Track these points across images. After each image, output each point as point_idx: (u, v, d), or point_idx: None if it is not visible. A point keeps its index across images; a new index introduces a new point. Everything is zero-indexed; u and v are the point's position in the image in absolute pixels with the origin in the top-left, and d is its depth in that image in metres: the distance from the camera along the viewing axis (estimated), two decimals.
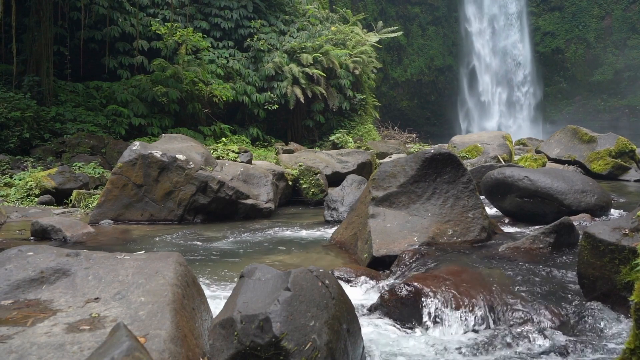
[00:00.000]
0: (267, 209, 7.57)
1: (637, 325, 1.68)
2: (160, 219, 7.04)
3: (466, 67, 33.97)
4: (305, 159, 10.68)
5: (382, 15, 31.43)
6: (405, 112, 32.83)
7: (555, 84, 34.11)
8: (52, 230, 5.68)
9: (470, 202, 4.73)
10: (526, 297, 3.14)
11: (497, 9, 34.17)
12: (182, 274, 2.50)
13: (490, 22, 34.16)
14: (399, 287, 3.24)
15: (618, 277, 2.75)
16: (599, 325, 2.81)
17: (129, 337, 1.58)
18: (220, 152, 10.76)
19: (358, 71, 19.10)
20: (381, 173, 5.04)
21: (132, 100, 14.45)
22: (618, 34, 32.16)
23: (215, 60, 17.49)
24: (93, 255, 2.61)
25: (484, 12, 34.25)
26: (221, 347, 2.17)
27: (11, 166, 10.40)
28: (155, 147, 7.32)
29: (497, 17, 34.21)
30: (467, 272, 3.48)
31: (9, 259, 2.46)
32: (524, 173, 6.18)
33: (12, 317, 2.05)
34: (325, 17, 21.59)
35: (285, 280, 2.29)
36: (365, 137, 18.42)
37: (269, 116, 17.91)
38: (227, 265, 4.52)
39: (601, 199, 6.05)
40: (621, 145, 12.21)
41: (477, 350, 2.72)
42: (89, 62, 15.58)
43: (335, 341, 2.19)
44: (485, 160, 12.40)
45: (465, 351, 2.72)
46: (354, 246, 4.92)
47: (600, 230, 2.86)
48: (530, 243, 4.05)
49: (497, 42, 33.93)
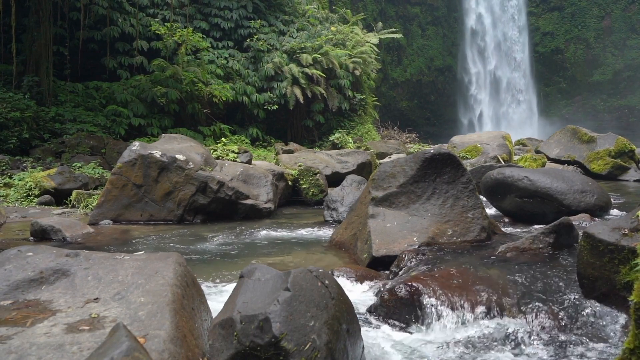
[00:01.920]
0: (266, 209, 7.57)
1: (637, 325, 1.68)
2: (160, 219, 7.04)
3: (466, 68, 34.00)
4: (305, 159, 10.68)
5: (381, 16, 31.42)
6: (405, 112, 32.82)
7: (554, 84, 34.13)
8: (52, 231, 5.68)
9: (469, 202, 4.73)
10: (526, 297, 3.14)
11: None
12: (182, 274, 2.50)
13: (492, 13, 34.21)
14: (399, 287, 3.24)
15: (618, 277, 2.75)
16: (598, 325, 2.81)
17: (128, 337, 1.58)
18: (219, 152, 10.75)
19: (358, 71, 19.10)
20: (381, 173, 5.04)
21: (132, 101, 14.45)
22: (617, 34, 32.18)
23: (215, 60, 17.49)
24: (92, 256, 2.61)
25: None
26: (221, 347, 2.17)
27: (11, 166, 10.40)
28: (154, 148, 7.32)
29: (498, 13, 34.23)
30: (467, 272, 3.48)
31: (8, 259, 2.46)
32: (524, 173, 6.18)
33: (11, 318, 2.05)
34: (324, 18, 21.59)
35: (284, 281, 2.29)
36: (365, 137, 18.43)
37: (268, 116, 17.91)
38: (227, 266, 4.52)
39: (601, 199, 6.06)
40: (621, 145, 12.22)
41: (477, 350, 2.72)
42: (89, 63, 15.57)
43: (335, 341, 2.19)
44: (484, 161, 12.40)
45: (465, 351, 2.72)
46: (353, 246, 4.92)
47: (600, 230, 2.86)
48: (529, 243, 4.05)
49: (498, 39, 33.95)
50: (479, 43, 33.91)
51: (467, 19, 34.06)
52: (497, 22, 34.08)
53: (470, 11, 34.07)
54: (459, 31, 34.22)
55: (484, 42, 33.92)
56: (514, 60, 33.84)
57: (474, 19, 34.04)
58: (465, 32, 34.05)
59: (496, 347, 2.73)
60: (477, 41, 33.89)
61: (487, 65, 33.80)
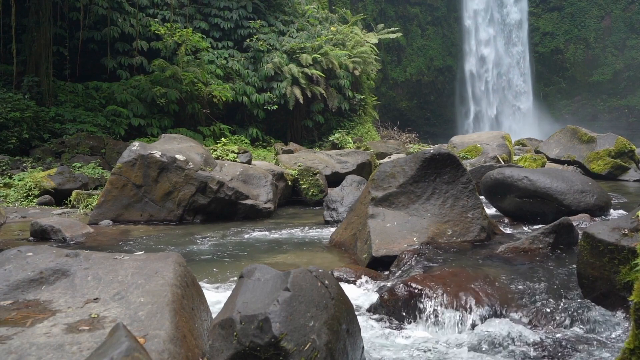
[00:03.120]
0: (266, 209, 7.57)
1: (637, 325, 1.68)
2: (160, 220, 7.04)
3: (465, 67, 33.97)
4: (305, 159, 10.68)
5: (381, 16, 31.43)
6: (404, 112, 32.83)
7: (554, 84, 34.13)
8: (52, 231, 5.68)
9: (469, 202, 4.73)
10: (525, 298, 3.14)
11: None
12: (182, 275, 2.49)
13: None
14: (399, 287, 3.24)
15: (617, 277, 2.75)
16: (598, 325, 2.81)
17: (128, 337, 1.58)
18: (219, 152, 10.75)
19: (357, 71, 19.10)
20: (381, 173, 5.04)
21: (132, 101, 14.45)
22: (617, 34, 32.18)
23: (215, 60, 17.49)
24: (92, 256, 2.61)
25: None
26: (220, 347, 2.17)
27: (11, 166, 10.40)
28: (154, 148, 7.32)
29: None
30: (467, 272, 3.48)
31: (8, 260, 2.45)
32: (524, 173, 6.18)
33: (11, 318, 2.05)
34: (324, 18, 21.59)
35: (284, 281, 2.29)
36: (365, 137, 18.43)
37: (268, 116, 17.91)
38: (227, 266, 4.52)
39: (600, 199, 6.06)
40: (620, 145, 12.21)
41: (476, 350, 2.72)
42: (89, 63, 15.57)
43: (335, 341, 2.19)
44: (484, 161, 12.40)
45: (465, 351, 2.72)
46: (353, 246, 4.92)
47: (600, 231, 2.86)
48: (529, 243, 4.05)
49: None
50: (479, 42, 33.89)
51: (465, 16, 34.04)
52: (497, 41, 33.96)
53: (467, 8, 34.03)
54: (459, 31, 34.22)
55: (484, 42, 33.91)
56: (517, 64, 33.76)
57: (472, 14, 33.99)
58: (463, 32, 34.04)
59: (496, 347, 2.73)
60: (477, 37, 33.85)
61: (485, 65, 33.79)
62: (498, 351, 2.70)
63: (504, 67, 33.52)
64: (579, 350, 2.62)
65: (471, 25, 33.67)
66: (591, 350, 2.61)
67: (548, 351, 2.65)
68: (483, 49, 33.59)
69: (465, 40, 33.73)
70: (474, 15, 33.70)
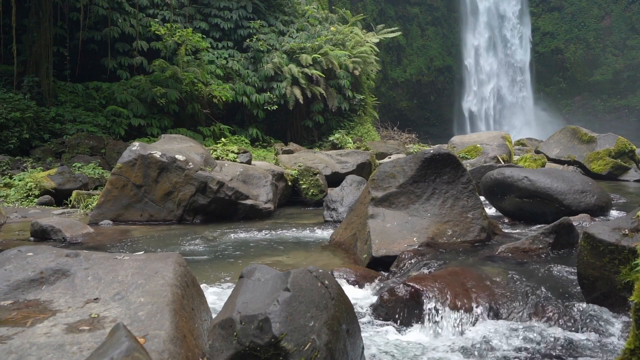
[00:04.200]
0: (266, 210, 7.57)
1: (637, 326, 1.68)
2: (160, 220, 7.04)
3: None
4: (305, 159, 10.68)
5: (381, 16, 31.44)
6: (404, 112, 32.83)
7: (554, 84, 34.13)
8: (52, 231, 5.68)
9: (469, 203, 4.73)
10: (525, 298, 3.14)
11: None
12: (182, 275, 2.50)
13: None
14: (399, 287, 3.24)
15: (618, 277, 2.75)
16: (598, 326, 2.81)
17: (128, 337, 1.58)
18: (219, 152, 10.75)
19: (357, 71, 19.10)
20: (380, 173, 5.04)
21: (132, 101, 14.45)
22: (617, 34, 32.18)
23: (215, 60, 17.49)
24: (92, 256, 2.61)
25: None
26: (220, 347, 2.17)
27: (11, 167, 10.40)
28: (154, 148, 7.32)
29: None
30: (467, 272, 3.48)
31: (8, 260, 2.45)
32: (524, 173, 6.18)
33: (11, 318, 2.05)
34: (324, 18, 21.59)
35: (284, 281, 2.29)
36: (365, 137, 18.43)
37: (268, 117, 17.91)
38: (227, 266, 4.52)
39: (601, 199, 6.06)
40: (621, 145, 12.21)
41: (477, 350, 2.72)
42: (89, 63, 15.57)
43: (335, 341, 2.19)
44: (484, 161, 12.40)
45: (464, 351, 2.72)
46: (353, 246, 4.92)
47: (600, 231, 2.86)
48: (529, 243, 4.05)
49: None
50: None
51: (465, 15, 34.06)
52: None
53: None
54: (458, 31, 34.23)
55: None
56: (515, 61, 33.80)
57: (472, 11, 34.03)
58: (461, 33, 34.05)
59: (496, 347, 2.73)
60: None
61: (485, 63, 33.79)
62: (498, 351, 2.70)
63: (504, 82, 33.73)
64: (579, 350, 2.62)
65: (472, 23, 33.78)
66: (592, 351, 2.61)
67: (548, 351, 2.65)
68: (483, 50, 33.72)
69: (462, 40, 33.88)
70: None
